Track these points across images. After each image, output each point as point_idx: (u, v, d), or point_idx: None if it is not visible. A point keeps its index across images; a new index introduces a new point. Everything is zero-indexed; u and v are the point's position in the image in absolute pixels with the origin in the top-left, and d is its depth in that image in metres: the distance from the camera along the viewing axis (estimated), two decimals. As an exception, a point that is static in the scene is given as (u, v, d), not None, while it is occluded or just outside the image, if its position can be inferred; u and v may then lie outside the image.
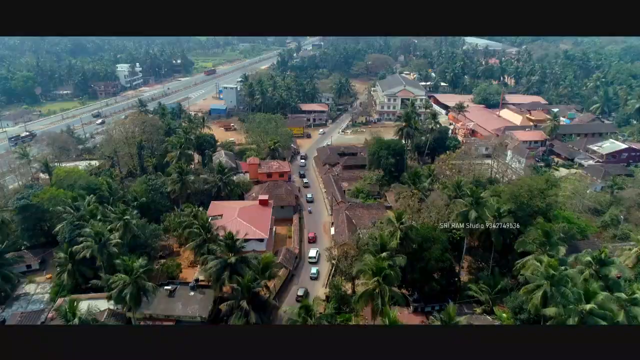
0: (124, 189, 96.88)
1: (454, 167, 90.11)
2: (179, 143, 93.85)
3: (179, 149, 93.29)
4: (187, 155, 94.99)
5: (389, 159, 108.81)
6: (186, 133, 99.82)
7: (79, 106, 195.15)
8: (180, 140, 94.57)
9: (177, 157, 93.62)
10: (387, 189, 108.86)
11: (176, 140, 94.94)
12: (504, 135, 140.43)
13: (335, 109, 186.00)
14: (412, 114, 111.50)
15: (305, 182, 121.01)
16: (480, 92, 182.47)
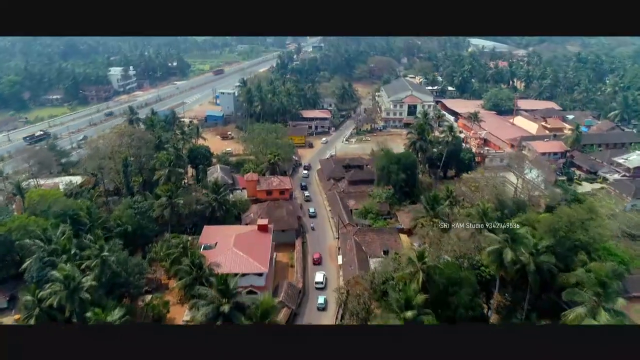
0: (108, 211, 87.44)
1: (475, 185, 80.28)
2: (169, 160, 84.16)
3: (168, 167, 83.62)
4: (178, 173, 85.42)
5: (399, 174, 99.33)
6: (177, 149, 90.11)
7: (68, 112, 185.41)
8: (170, 157, 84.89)
9: (166, 176, 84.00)
10: (398, 207, 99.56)
11: (165, 157, 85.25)
12: (520, 146, 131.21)
13: (338, 115, 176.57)
14: (425, 125, 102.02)
15: (307, 195, 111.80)
16: (491, 97, 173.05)
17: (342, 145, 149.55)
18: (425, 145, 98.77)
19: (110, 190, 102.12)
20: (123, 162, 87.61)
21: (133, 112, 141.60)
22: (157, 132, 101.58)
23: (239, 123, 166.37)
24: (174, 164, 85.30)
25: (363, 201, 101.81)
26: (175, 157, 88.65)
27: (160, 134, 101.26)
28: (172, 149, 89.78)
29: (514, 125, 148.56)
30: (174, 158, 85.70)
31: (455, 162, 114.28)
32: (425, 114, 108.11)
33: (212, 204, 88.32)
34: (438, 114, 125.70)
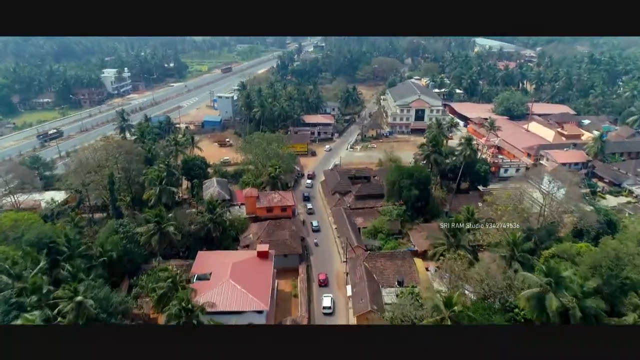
0: (93, 232, 79.29)
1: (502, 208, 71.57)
2: (159, 178, 75.78)
3: (158, 185, 75.26)
4: (170, 192, 77.06)
5: (412, 190, 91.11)
6: (168, 166, 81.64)
7: (58, 117, 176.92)
8: (161, 174, 76.49)
9: (156, 195, 75.61)
10: (410, 226, 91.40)
11: (155, 174, 76.83)
12: (537, 156, 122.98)
13: (341, 120, 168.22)
14: (440, 136, 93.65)
15: (309, 208, 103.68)
16: (503, 101, 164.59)
17: (347, 153, 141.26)
18: (440, 159, 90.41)
19: (98, 206, 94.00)
20: (108, 180, 79.27)
21: (124, 118, 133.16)
22: (148, 144, 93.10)
23: (238, 129, 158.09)
24: (165, 182, 76.87)
25: (372, 218, 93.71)
26: (167, 173, 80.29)
27: (151, 146, 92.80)
28: (163, 164, 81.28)
29: (529, 132, 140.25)
30: (165, 175, 77.28)
31: (469, 174, 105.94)
32: (439, 124, 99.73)
33: (207, 224, 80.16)
34: (451, 122, 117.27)
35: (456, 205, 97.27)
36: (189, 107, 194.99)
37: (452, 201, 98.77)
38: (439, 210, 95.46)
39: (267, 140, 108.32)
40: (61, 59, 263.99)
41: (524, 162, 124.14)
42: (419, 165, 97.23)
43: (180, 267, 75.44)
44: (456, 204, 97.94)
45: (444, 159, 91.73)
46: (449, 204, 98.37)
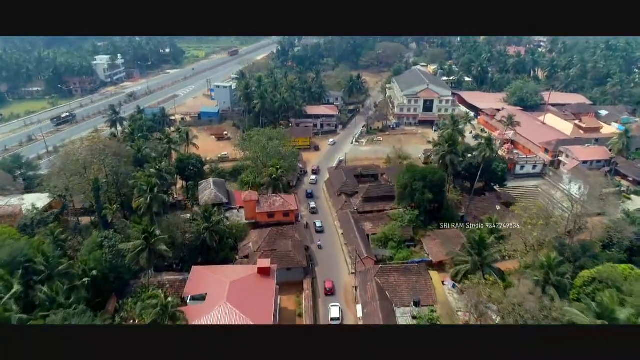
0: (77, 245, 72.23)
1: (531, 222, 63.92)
2: (149, 184, 68.19)
3: (149, 193, 67.74)
4: (161, 200, 69.58)
5: (425, 193, 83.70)
6: (159, 170, 73.90)
7: (48, 107, 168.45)
8: (151, 181, 68.87)
9: (146, 205, 68.12)
10: (424, 233, 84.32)
11: (145, 180, 69.18)
12: (556, 152, 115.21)
13: (345, 110, 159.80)
14: (456, 135, 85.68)
15: (312, 207, 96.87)
16: (516, 91, 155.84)
17: (352, 148, 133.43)
18: (457, 160, 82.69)
19: (85, 209, 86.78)
20: (93, 186, 71.78)
21: (115, 111, 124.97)
22: (138, 143, 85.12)
23: (236, 120, 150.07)
24: (156, 189, 69.25)
25: (381, 224, 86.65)
26: (158, 177, 72.71)
27: (141, 146, 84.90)
28: (153, 168, 73.59)
29: (545, 125, 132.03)
30: (156, 180, 69.67)
31: (485, 173, 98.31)
32: (454, 121, 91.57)
33: (202, 234, 73.08)
34: (467, 118, 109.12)
35: (472, 209, 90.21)
36: (185, 96, 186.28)
37: (468, 204, 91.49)
38: (453, 215, 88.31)
39: (267, 136, 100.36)
40: (52, 44, 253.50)
41: (541, 158, 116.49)
42: (433, 166, 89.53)
43: (173, 284, 68.92)
44: (472, 207, 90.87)
45: (460, 161, 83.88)
46: (464, 207, 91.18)
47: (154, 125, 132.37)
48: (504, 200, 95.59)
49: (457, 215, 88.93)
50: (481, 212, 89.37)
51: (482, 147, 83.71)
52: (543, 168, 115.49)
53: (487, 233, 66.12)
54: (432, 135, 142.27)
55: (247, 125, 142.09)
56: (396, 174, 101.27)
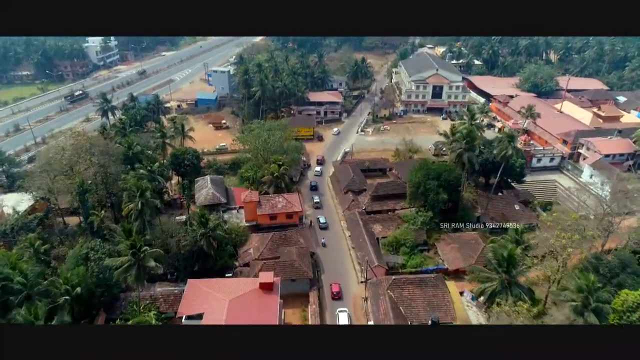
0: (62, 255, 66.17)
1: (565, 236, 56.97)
2: (140, 188, 61.61)
3: (139, 198, 61.21)
4: (153, 206, 63.11)
5: (440, 193, 77.33)
6: (151, 171, 67.11)
7: (38, 93, 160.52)
8: (142, 184, 62.19)
9: (136, 212, 61.65)
10: (438, 236, 78.30)
11: (135, 184, 62.44)
12: (575, 144, 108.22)
13: (350, 97, 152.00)
14: (474, 130, 78.52)
15: (316, 201, 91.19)
16: (530, 76, 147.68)
17: (357, 137, 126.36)
18: (475, 158, 75.81)
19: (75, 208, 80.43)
20: (78, 189, 65.27)
21: (106, 100, 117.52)
22: (128, 139, 78.10)
23: (235, 107, 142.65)
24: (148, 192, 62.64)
25: (392, 225, 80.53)
26: (150, 180, 66.11)
27: (131, 143, 77.92)
28: (144, 170, 66.84)
29: (562, 114, 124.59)
30: (147, 184, 63.06)
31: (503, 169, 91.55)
32: (472, 115, 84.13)
33: (199, 241, 66.99)
34: (483, 109, 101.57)
35: (489, 208, 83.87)
36: (181, 80, 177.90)
37: (484, 203, 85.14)
38: (469, 215, 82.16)
39: (268, 129, 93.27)
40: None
41: (559, 150, 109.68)
42: (447, 163, 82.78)
43: (167, 297, 63.31)
44: (489, 206, 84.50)
45: (478, 158, 76.98)
46: (480, 207, 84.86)
47: (148, 115, 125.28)
48: (522, 198, 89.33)
49: (473, 215, 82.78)
50: (499, 213, 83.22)
51: (503, 143, 76.74)
52: (561, 161, 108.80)
53: (511, 242, 59.90)
54: (441, 124, 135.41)
55: (247, 113, 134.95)
56: (406, 170, 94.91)
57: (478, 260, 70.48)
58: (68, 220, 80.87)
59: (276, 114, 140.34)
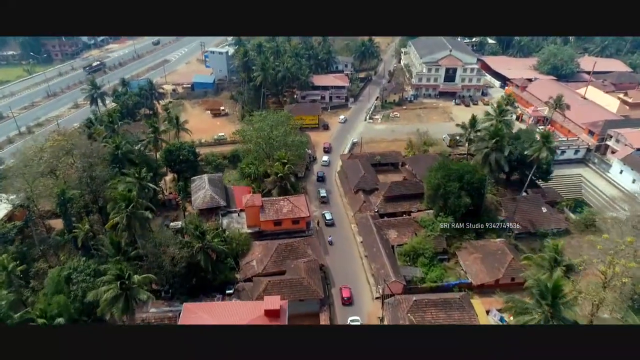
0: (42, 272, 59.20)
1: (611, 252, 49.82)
2: (126, 199, 53.94)
3: (125, 212, 53.66)
4: (142, 219, 55.54)
5: (461, 196, 69.94)
6: (140, 179, 59.06)
7: (24, 75, 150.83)
8: (128, 195, 54.43)
9: (122, 229, 54.16)
10: (459, 244, 71.24)
11: (122, 196, 54.60)
12: (603, 135, 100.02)
13: (356, 80, 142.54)
14: (502, 129, 70.03)
15: (322, 195, 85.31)
16: (549, 57, 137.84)
17: (365, 126, 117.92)
18: (503, 159, 67.71)
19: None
20: (59, 200, 57.72)
21: (95, 86, 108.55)
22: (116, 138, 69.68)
23: (234, 92, 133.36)
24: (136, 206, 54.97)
25: (408, 231, 73.40)
26: (140, 188, 58.36)
27: (120, 141, 69.66)
28: (132, 176, 58.83)
29: (587, 100, 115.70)
30: (135, 194, 55.32)
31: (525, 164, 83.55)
32: (500, 110, 75.45)
33: (196, 256, 59.91)
34: (508, 99, 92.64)
35: (514, 211, 76.45)
36: (177, 61, 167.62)
37: (508, 205, 77.74)
38: (493, 220, 74.85)
39: (270, 122, 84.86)
40: None
41: (584, 142, 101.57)
42: (470, 163, 74.94)
43: (160, 321, 56.60)
44: (514, 209, 77.09)
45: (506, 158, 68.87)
46: (504, 209, 77.48)
47: (140, 101, 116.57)
48: (549, 198, 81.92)
49: (497, 219, 75.46)
50: (525, 216, 75.98)
51: (536, 145, 68.52)
52: (586, 153, 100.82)
53: (549, 261, 52.79)
54: (454, 109, 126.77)
55: (247, 99, 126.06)
56: (421, 165, 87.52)
57: (506, 275, 63.79)
58: (52, 224, 73.59)
59: (278, 99, 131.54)
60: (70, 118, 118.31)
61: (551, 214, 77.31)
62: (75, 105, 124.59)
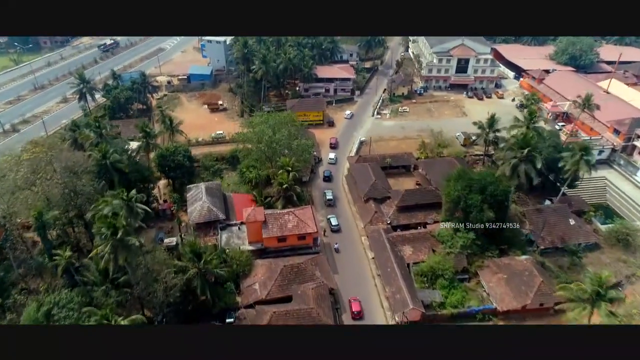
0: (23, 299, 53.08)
1: None
2: (110, 227, 47.13)
3: (110, 241, 47.05)
4: (130, 249, 48.87)
5: (484, 210, 63.45)
6: (127, 200, 52.02)
7: (10, 66, 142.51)
8: (114, 222, 47.55)
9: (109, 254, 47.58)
10: (481, 262, 65.08)
11: (104, 223, 47.68)
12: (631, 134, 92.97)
13: (362, 70, 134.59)
14: (533, 138, 62.79)
15: (329, 198, 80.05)
16: (567, 47, 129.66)
17: (373, 122, 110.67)
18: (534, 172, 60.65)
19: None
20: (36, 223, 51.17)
21: (84, 80, 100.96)
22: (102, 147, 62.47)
23: (233, 84, 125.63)
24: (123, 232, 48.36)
25: (424, 247, 67.21)
26: (127, 211, 51.66)
27: (107, 150, 62.60)
28: (120, 199, 51.93)
29: (610, 95, 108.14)
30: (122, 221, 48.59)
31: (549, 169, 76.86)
32: (531, 115, 67.90)
33: (192, 282, 53.76)
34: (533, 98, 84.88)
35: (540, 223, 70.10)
36: (172, 49, 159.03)
37: (533, 217, 71.34)
38: (517, 234, 68.60)
39: (272, 125, 77.72)
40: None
41: (608, 141, 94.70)
42: (492, 172, 68.10)
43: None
44: (539, 220, 70.76)
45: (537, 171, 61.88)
46: (528, 221, 71.09)
47: (133, 96, 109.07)
48: (575, 207, 75.48)
49: (521, 234, 69.22)
50: (551, 229, 69.69)
51: (573, 159, 61.59)
52: (611, 154, 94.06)
53: (589, 294, 46.73)
54: (466, 103, 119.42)
55: (246, 92, 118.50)
56: (436, 170, 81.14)
57: (534, 300, 57.80)
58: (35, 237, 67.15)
59: (280, 91, 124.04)
60: (58, 114, 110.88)
61: (579, 226, 70.99)
62: (64, 99, 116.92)
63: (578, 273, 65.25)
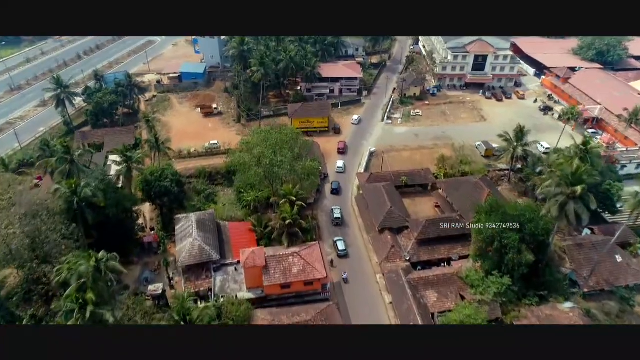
0: None
1: None
2: (76, 302, 37.09)
3: (77, 317, 37.32)
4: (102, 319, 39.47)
5: (522, 252, 54.07)
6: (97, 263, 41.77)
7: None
8: (82, 296, 37.39)
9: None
10: (518, 312, 55.89)
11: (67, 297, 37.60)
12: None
13: (370, 67, 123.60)
14: (589, 171, 52.19)
15: (337, 217, 71.69)
16: (594, 41, 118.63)
17: (383, 128, 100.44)
18: (585, 211, 50.73)
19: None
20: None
21: (61, 85, 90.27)
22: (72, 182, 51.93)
23: (228, 84, 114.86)
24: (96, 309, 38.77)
25: (451, 292, 57.99)
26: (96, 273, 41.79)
27: (77, 184, 52.39)
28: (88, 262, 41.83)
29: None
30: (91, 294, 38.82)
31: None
32: (587, 148, 56.63)
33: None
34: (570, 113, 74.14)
35: (583, 263, 60.81)
36: (162, 43, 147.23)
37: (574, 253, 61.97)
38: (558, 277, 59.27)
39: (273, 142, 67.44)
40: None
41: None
42: (530, 206, 58.24)
43: None
44: (581, 257, 61.51)
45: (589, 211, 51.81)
46: (568, 259, 61.75)
47: (117, 100, 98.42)
48: (620, 239, 65.91)
49: (561, 274, 59.93)
50: (596, 268, 60.31)
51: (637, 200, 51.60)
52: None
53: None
54: (484, 104, 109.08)
55: (243, 94, 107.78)
56: (459, 193, 71.55)
57: (586, 366, 48.75)
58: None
59: (280, 92, 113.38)
60: (35, 120, 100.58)
61: (628, 263, 61.74)
62: (42, 102, 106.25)
63: (630, 322, 56.52)
